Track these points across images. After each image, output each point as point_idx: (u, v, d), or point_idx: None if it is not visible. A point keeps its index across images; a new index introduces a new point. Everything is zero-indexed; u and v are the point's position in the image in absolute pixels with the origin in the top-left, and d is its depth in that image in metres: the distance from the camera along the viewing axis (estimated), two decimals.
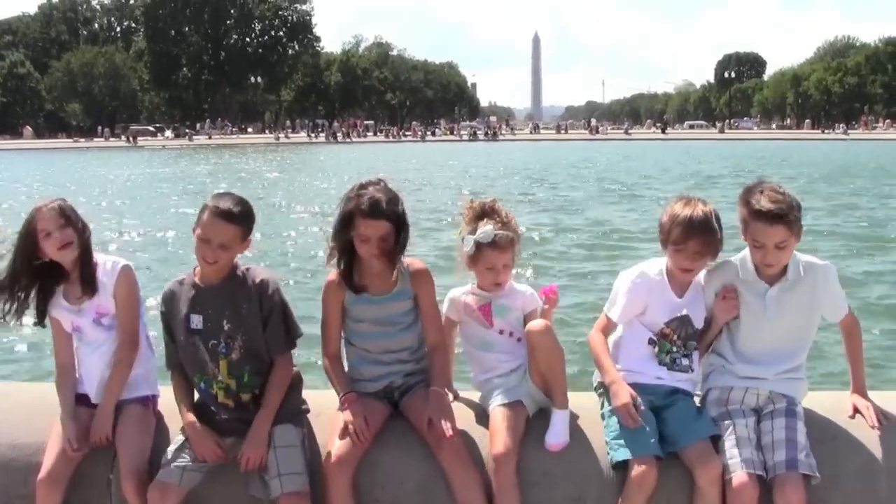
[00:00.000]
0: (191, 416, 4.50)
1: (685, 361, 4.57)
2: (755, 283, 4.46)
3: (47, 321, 4.73)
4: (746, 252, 4.49)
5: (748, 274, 4.48)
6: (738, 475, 4.17)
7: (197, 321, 4.54)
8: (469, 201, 4.79)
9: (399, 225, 4.51)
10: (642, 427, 4.32)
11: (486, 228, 4.59)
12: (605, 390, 4.57)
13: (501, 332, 4.74)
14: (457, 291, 4.86)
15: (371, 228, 4.45)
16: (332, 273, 4.68)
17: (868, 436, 4.48)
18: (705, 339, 4.64)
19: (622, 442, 4.33)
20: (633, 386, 4.47)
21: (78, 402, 4.68)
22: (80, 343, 4.75)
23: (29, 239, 4.54)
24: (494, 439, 4.38)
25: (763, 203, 4.23)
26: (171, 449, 4.44)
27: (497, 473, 4.31)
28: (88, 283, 4.63)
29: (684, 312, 4.56)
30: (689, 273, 4.53)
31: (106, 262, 4.70)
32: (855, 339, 4.68)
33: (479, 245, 4.61)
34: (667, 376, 4.56)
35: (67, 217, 4.55)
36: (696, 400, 4.63)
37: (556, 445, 4.43)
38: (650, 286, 4.59)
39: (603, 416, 4.54)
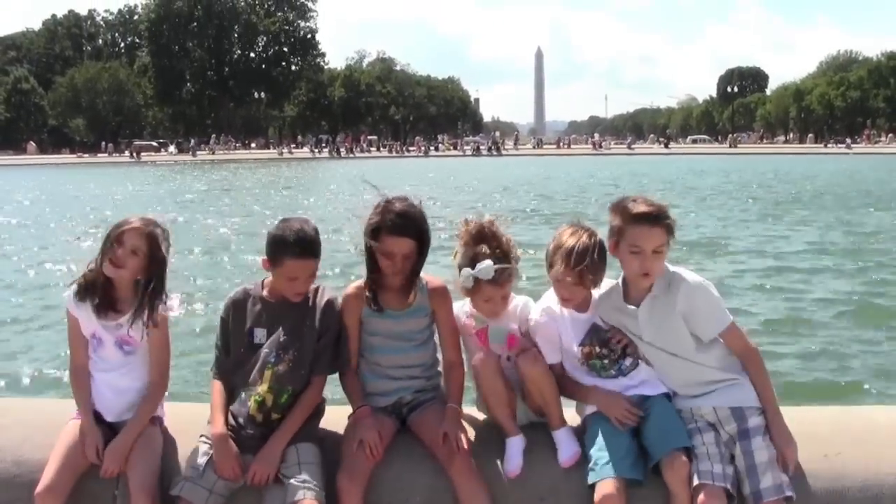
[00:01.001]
0: (222, 428, 4.45)
1: (627, 362, 4.53)
2: (625, 308, 4.46)
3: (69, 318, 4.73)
4: (613, 282, 4.53)
5: (619, 301, 4.48)
6: (707, 489, 4.09)
7: (260, 335, 4.57)
8: (464, 221, 4.64)
9: (423, 243, 4.52)
10: (607, 448, 4.27)
11: (486, 263, 4.45)
12: (588, 423, 4.53)
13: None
14: (456, 308, 4.80)
15: (396, 245, 4.45)
16: (351, 286, 4.68)
17: (871, 452, 4.46)
18: None
19: (591, 466, 4.29)
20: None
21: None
22: (94, 355, 4.71)
23: (106, 242, 4.55)
24: None
25: (640, 207, 4.25)
26: (191, 466, 4.40)
27: None
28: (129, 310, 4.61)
29: (592, 323, 4.55)
30: (568, 302, 4.50)
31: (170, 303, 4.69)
32: (753, 368, 4.48)
33: (476, 280, 4.50)
34: (625, 382, 4.52)
35: (145, 244, 4.52)
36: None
37: (568, 461, 4.39)
38: (553, 318, 4.58)
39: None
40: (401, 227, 4.46)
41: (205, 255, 21.31)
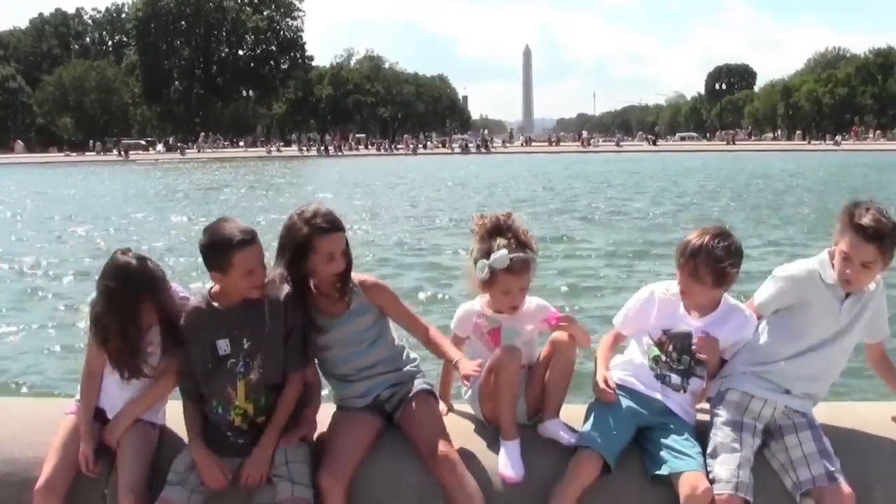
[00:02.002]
0: (201, 445, 4.42)
1: (676, 379, 4.49)
2: (835, 287, 4.36)
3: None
4: (824, 256, 4.42)
5: (829, 277, 4.37)
6: (731, 496, 4.13)
7: (224, 346, 4.44)
8: (479, 216, 4.60)
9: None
10: (608, 427, 4.33)
11: (501, 252, 4.41)
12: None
13: None
14: (467, 307, 4.75)
15: (335, 242, 4.41)
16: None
17: (864, 446, 4.51)
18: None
19: (581, 432, 4.38)
20: (629, 391, 4.50)
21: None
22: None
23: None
24: None
25: (864, 218, 4.19)
26: (176, 468, 4.38)
27: None
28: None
29: (689, 332, 4.47)
30: (685, 296, 4.47)
31: (185, 296, 4.65)
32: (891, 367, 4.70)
33: (493, 269, 4.46)
34: (659, 389, 4.50)
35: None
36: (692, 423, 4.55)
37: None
38: (661, 304, 4.55)
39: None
40: (332, 222, 4.43)
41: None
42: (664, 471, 4.24)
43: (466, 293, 4.82)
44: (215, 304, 4.46)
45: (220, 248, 4.27)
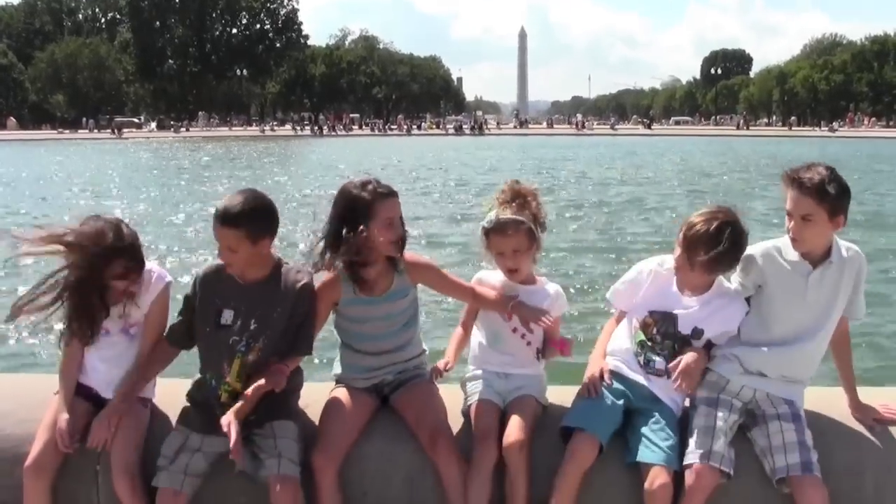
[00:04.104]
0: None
1: (660, 364, 4.48)
2: (797, 264, 4.36)
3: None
4: (786, 236, 4.41)
5: (790, 254, 4.38)
6: (705, 467, 4.16)
7: (228, 317, 4.45)
8: (506, 183, 4.68)
9: None
10: (598, 408, 4.36)
11: (491, 214, 4.53)
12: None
13: (515, 330, 4.65)
14: (486, 275, 4.79)
15: (394, 207, 4.43)
16: (327, 275, 4.52)
17: (855, 432, 4.52)
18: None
19: (573, 412, 4.41)
20: (618, 375, 4.52)
21: (77, 393, 4.62)
22: (100, 342, 4.62)
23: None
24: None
25: (802, 172, 4.21)
26: (166, 452, 4.36)
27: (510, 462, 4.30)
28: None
29: (674, 311, 4.47)
30: (679, 272, 4.46)
31: (151, 273, 4.62)
32: (846, 350, 4.68)
33: (486, 231, 4.56)
34: (643, 375, 4.50)
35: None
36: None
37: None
38: (655, 278, 4.55)
39: None
40: (388, 187, 4.47)
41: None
42: (635, 459, 4.27)
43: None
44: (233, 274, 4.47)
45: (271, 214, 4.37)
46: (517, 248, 4.55)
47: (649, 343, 4.50)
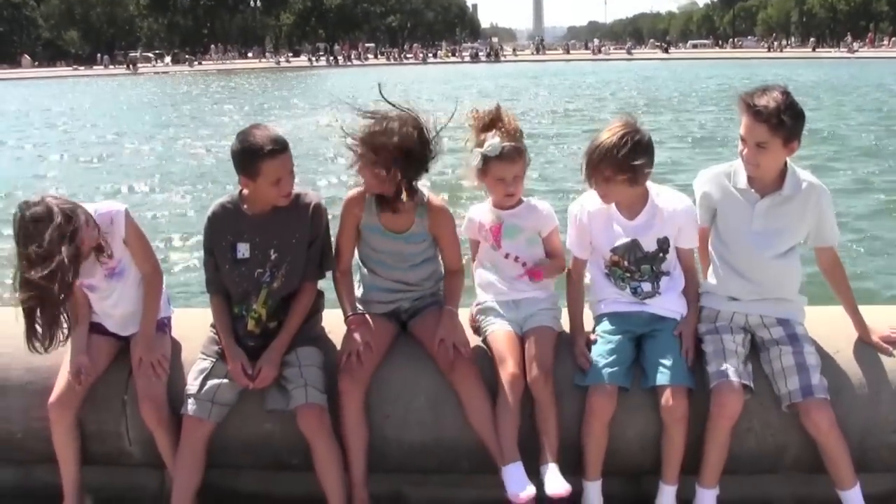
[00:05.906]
0: (231, 342, 4.46)
1: (647, 287, 4.53)
2: (746, 193, 4.37)
3: None
4: (738, 161, 4.39)
5: (740, 182, 4.38)
6: (724, 384, 4.19)
7: (244, 250, 4.48)
8: (473, 111, 4.64)
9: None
10: (605, 356, 4.37)
11: (493, 141, 4.49)
12: (595, 322, 4.63)
13: (507, 255, 4.71)
14: (474, 210, 4.84)
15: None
16: (355, 190, 4.61)
17: (868, 350, 4.51)
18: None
19: (587, 371, 4.40)
20: (613, 315, 4.54)
21: (93, 331, 4.64)
22: (94, 294, 4.62)
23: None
24: (503, 363, 4.41)
25: (757, 98, 4.15)
26: (195, 378, 4.43)
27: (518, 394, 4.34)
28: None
29: (631, 238, 4.49)
30: (606, 199, 4.45)
31: (104, 216, 4.37)
32: (841, 278, 4.57)
33: (486, 158, 4.53)
34: (636, 302, 4.55)
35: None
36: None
37: (556, 495, 4.20)
38: (592, 216, 4.56)
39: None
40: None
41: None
42: (651, 384, 4.33)
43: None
44: (244, 206, 4.50)
45: (250, 155, 4.26)
46: (518, 173, 4.58)
47: (628, 275, 4.53)
